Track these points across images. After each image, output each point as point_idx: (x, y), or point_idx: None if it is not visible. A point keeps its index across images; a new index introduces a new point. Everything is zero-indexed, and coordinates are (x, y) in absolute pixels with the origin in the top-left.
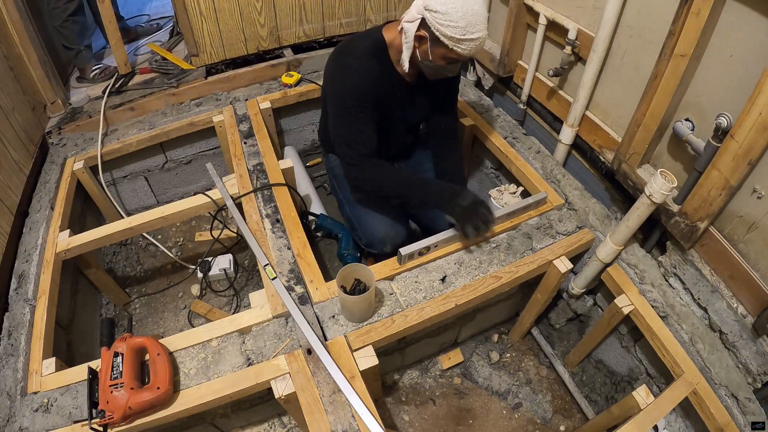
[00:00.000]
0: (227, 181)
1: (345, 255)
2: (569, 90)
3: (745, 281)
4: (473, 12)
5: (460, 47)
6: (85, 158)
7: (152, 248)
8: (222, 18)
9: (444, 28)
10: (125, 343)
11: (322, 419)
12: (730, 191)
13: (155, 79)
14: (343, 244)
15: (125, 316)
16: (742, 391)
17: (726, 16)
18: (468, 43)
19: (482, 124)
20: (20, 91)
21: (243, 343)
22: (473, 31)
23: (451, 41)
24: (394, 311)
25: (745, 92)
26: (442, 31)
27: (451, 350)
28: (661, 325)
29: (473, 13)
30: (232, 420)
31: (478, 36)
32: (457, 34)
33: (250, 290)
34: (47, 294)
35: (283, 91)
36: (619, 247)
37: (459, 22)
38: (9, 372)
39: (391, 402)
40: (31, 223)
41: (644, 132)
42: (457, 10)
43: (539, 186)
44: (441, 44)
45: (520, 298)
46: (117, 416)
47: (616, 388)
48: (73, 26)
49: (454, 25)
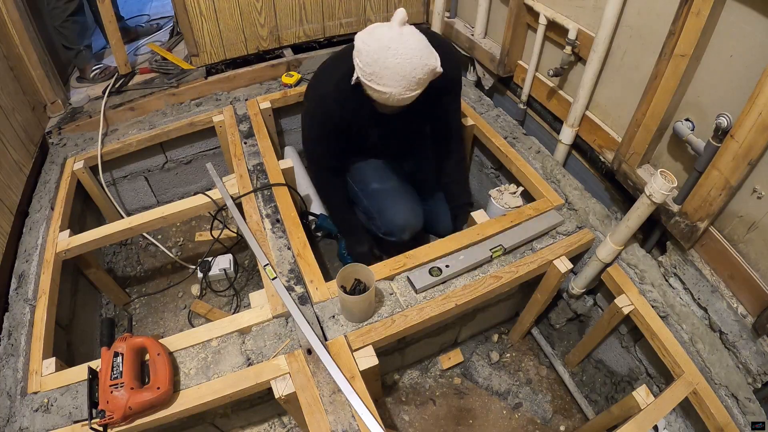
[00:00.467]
0: (227, 181)
1: (345, 255)
2: (569, 90)
3: (745, 281)
4: (385, 65)
5: (367, 90)
6: (85, 158)
7: (152, 248)
8: (222, 18)
9: (356, 64)
10: (125, 343)
11: (322, 419)
12: (730, 191)
13: (155, 79)
14: (343, 244)
15: (125, 316)
16: (742, 391)
17: (726, 16)
18: (372, 91)
19: (482, 124)
20: (20, 91)
21: (243, 343)
22: (379, 82)
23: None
24: (394, 311)
25: (745, 92)
26: (358, 66)
27: (451, 350)
28: (661, 325)
29: (384, 67)
30: (232, 420)
31: (385, 91)
32: (362, 76)
33: (250, 290)
34: (47, 294)
35: (283, 91)
36: (619, 247)
37: (366, 67)
38: (9, 372)
39: (391, 402)
40: (31, 223)
41: (644, 132)
42: (370, 53)
43: (539, 186)
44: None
45: (520, 298)
46: (117, 416)
47: (616, 388)
48: (73, 26)
49: (361, 66)
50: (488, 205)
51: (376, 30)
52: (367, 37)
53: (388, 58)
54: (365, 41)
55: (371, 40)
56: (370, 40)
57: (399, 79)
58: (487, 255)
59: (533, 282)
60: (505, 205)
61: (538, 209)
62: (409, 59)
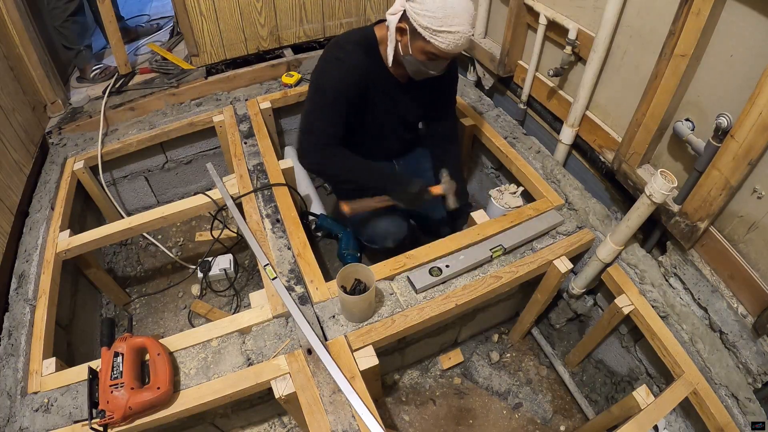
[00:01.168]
0: (227, 181)
1: (345, 255)
2: (569, 90)
3: (745, 281)
4: (452, 4)
5: (437, 40)
6: (85, 158)
7: (152, 248)
8: (222, 18)
9: (420, 18)
10: (125, 343)
11: (322, 419)
12: (730, 191)
13: (155, 79)
14: (343, 244)
15: (125, 316)
16: (743, 391)
17: (726, 16)
18: (445, 35)
19: (482, 124)
20: (20, 91)
21: (243, 343)
22: (451, 23)
23: (427, 32)
24: (394, 311)
25: (746, 92)
26: (419, 21)
27: (451, 350)
28: (662, 325)
29: (452, 5)
30: (232, 420)
31: (457, 30)
32: (433, 24)
33: (250, 290)
34: (47, 294)
35: (284, 91)
36: (619, 247)
37: (436, 12)
38: (9, 372)
39: (391, 402)
40: (32, 223)
41: (644, 132)
42: (434, 1)
43: (539, 186)
44: (419, 36)
45: (520, 298)
46: (117, 416)
47: (617, 388)
48: (73, 26)
49: (430, 15)
50: (488, 205)
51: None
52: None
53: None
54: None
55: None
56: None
57: (467, 16)
58: (487, 255)
59: (533, 282)
60: (505, 205)
61: (538, 209)
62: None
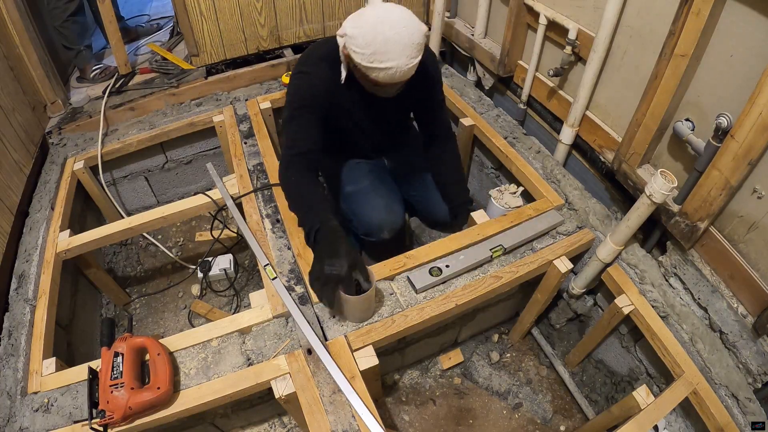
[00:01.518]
0: (227, 181)
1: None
2: (569, 90)
3: (745, 281)
4: (383, 39)
5: (371, 74)
6: (85, 158)
7: (152, 248)
8: (222, 18)
9: (352, 53)
10: (125, 343)
11: (323, 419)
12: (730, 191)
13: (155, 79)
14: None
15: (125, 316)
16: (743, 391)
17: (726, 16)
18: (377, 72)
19: (482, 124)
20: (20, 91)
21: (243, 343)
22: (381, 59)
23: (362, 69)
24: (394, 311)
25: (746, 92)
26: (352, 57)
27: (451, 350)
28: (662, 325)
29: (383, 41)
30: (232, 420)
31: (389, 66)
32: (363, 61)
33: (250, 290)
34: (47, 294)
35: (284, 91)
36: (619, 247)
37: (365, 49)
38: (9, 372)
39: (391, 402)
40: (32, 223)
41: (644, 132)
42: (365, 35)
43: (539, 186)
44: (357, 69)
45: (521, 298)
46: (117, 416)
47: (617, 388)
48: (73, 26)
49: (360, 51)
50: (488, 205)
51: (361, 14)
52: (355, 21)
53: (385, 31)
54: (356, 25)
55: (361, 22)
56: (360, 22)
57: (401, 49)
58: (488, 255)
59: (533, 282)
60: (505, 205)
61: (539, 209)
62: (404, 26)
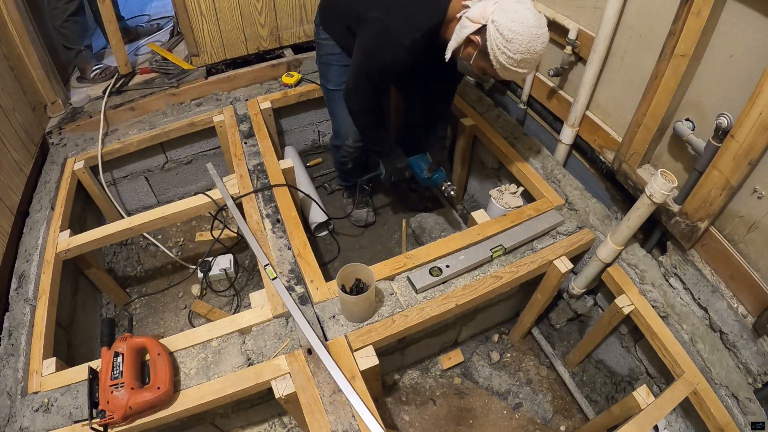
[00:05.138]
0: (227, 181)
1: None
2: (569, 90)
3: (745, 281)
4: (534, 50)
5: (504, 73)
6: (85, 158)
7: (152, 248)
8: (222, 18)
9: (499, 52)
10: (125, 343)
11: (323, 419)
12: (730, 191)
13: (155, 79)
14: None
15: (125, 316)
16: (743, 391)
17: (726, 16)
18: (513, 73)
19: (482, 124)
20: (21, 91)
21: (243, 343)
22: (524, 66)
23: (498, 65)
24: (394, 311)
25: (746, 92)
26: (496, 54)
27: (452, 350)
28: (662, 325)
29: (533, 51)
30: (232, 420)
31: (524, 71)
32: (508, 63)
33: (250, 290)
34: (47, 294)
35: (284, 91)
36: (619, 247)
37: (516, 55)
38: (9, 372)
39: (391, 402)
40: (32, 223)
41: (644, 132)
42: (521, 43)
43: (539, 186)
44: (487, 60)
45: (521, 298)
46: (117, 416)
47: (617, 388)
48: (73, 26)
49: (510, 54)
50: (488, 205)
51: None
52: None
53: (537, 46)
54: (513, 29)
55: (520, 27)
56: (518, 27)
57: (538, 59)
58: (488, 255)
59: (533, 282)
60: (505, 205)
61: (539, 209)
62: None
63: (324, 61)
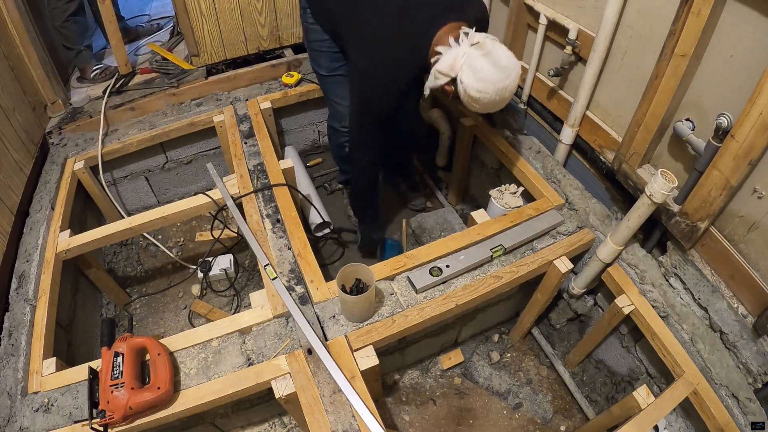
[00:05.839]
0: (228, 181)
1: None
2: (570, 90)
3: (745, 281)
4: (503, 97)
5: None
6: (85, 158)
7: (153, 248)
8: (222, 18)
9: (470, 104)
10: (126, 343)
11: (323, 419)
12: (730, 191)
13: (156, 79)
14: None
15: (125, 316)
16: (743, 391)
17: (726, 16)
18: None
19: (482, 124)
20: (21, 91)
21: (243, 343)
22: (498, 106)
23: (472, 109)
24: (394, 311)
25: (746, 92)
26: (468, 103)
27: (452, 350)
28: (662, 326)
29: (503, 99)
30: (232, 420)
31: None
32: (481, 110)
33: (250, 290)
34: (48, 294)
35: (284, 91)
36: (619, 247)
37: (487, 105)
38: (9, 372)
39: (391, 402)
40: (32, 223)
41: (645, 132)
42: (489, 98)
43: (539, 186)
44: (462, 104)
45: (521, 298)
46: (117, 416)
47: (617, 388)
48: (73, 26)
49: (481, 105)
50: (488, 205)
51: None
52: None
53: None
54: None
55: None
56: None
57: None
58: (488, 255)
59: (534, 282)
60: (505, 205)
61: (539, 209)
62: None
63: (314, 47)
